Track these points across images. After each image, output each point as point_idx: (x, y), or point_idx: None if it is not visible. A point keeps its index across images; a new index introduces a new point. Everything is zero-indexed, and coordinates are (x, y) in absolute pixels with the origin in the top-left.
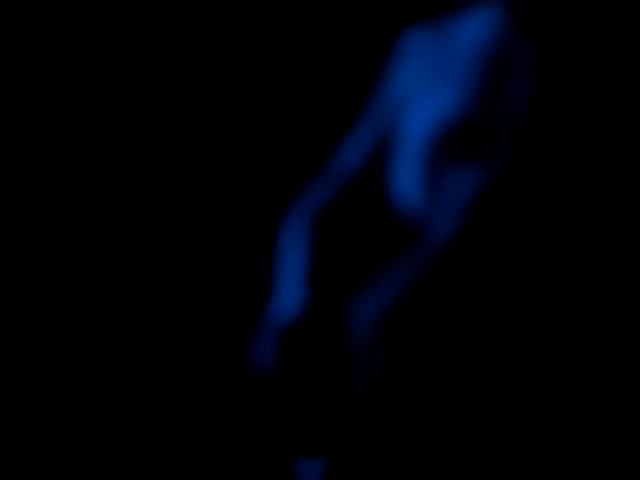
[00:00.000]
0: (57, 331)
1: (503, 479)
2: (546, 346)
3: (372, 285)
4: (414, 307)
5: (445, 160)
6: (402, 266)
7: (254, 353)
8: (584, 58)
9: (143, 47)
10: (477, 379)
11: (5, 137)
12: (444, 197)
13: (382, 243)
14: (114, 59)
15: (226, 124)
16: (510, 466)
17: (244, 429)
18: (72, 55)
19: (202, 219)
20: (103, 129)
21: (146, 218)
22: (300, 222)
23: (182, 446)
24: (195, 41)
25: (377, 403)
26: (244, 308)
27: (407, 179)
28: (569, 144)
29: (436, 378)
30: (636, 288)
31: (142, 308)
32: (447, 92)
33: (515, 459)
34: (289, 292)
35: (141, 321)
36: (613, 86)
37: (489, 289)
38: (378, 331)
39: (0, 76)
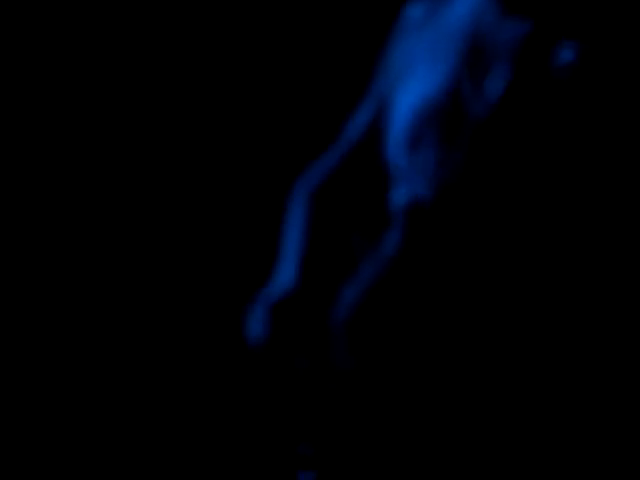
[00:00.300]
0: (55, 326)
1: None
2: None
3: (360, 266)
4: (393, 290)
5: (429, 137)
6: (385, 248)
7: (248, 327)
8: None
9: (143, 47)
10: (457, 367)
11: (5, 137)
12: (425, 173)
13: (376, 222)
14: (114, 59)
15: (229, 99)
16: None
17: (239, 410)
18: (72, 55)
19: (208, 196)
20: (102, 127)
21: (148, 187)
22: (304, 198)
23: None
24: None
25: (360, 387)
26: (245, 283)
27: (396, 155)
28: (557, 132)
29: (419, 364)
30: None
31: (138, 277)
32: (438, 68)
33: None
34: (286, 267)
35: (135, 289)
36: (608, 74)
37: (470, 272)
38: (358, 313)
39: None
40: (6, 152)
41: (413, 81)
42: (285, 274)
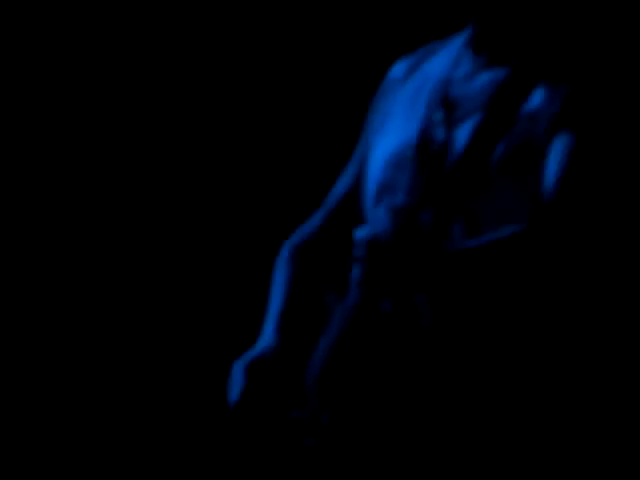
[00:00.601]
0: (57, 331)
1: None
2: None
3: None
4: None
5: (399, 186)
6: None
7: (229, 382)
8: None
9: (143, 48)
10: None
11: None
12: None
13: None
14: (114, 60)
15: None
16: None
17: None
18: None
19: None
20: (103, 129)
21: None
22: (286, 258)
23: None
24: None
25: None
26: (228, 344)
27: (369, 207)
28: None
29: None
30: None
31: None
32: (412, 119)
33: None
34: (266, 328)
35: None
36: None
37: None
38: (329, 367)
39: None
40: (6, 153)
41: (388, 134)
42: (265, 334)
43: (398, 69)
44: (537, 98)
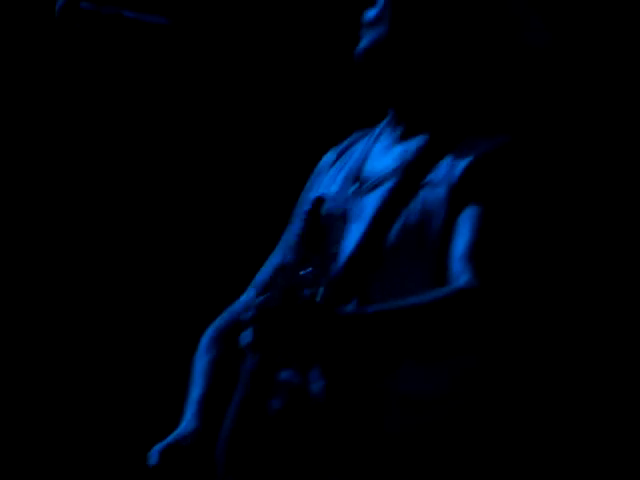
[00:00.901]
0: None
1: None
2: None
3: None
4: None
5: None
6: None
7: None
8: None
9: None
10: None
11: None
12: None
13: None
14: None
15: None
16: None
17: None
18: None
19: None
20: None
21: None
22: (209, 340)
23: None
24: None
25: None
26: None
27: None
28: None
29: None
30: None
31: None
32: (329, 195)
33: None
34: (189, 410)
35: None
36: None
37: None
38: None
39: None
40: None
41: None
42: (185, 419)
43: (328, 157)
44: (443, 168)
